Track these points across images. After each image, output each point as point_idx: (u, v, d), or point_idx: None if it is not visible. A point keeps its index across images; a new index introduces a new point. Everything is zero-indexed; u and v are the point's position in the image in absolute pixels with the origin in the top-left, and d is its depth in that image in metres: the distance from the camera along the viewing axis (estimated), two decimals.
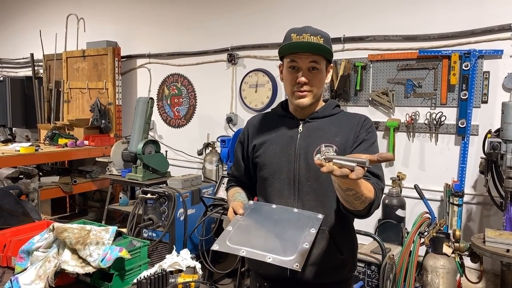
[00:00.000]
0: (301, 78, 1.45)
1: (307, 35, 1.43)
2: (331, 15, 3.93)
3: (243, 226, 1.38)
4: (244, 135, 1.68)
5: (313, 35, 1.43)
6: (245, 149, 1.67)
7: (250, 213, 1.45)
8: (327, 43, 1.46)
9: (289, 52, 1.47)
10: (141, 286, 1.56)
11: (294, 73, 1.47)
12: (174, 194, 3.49)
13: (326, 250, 1.47)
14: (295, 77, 1.47)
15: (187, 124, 5.00)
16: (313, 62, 1.45)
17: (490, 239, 2.62)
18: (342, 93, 3.81)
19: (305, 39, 1.43)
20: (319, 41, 1.43)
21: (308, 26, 1.48)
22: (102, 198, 5.40)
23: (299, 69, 1.46)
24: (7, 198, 2.29)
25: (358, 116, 1.57)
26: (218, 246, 1.32)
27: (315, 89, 1.49)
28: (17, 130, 6.21)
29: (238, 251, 1.30)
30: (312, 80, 1.47)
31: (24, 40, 6.62)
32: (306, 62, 1.45)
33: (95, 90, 5.30)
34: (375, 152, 1.19)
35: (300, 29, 1.46)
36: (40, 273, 1.64)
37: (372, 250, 2.94)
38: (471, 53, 3.26)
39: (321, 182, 1.47)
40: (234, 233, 1.35)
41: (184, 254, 1.79)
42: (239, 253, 1.30)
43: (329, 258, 1.48)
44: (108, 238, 1.72)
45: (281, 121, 1.59)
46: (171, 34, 5.04)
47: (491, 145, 2.89)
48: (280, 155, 1.52)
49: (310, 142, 1.50)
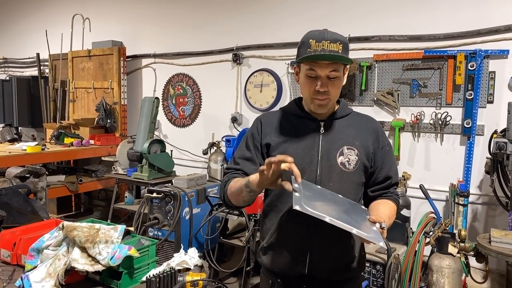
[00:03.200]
0: (320, 88, 1.44)
1: (327, 43, 1.40)
2: (336, 15, 3.93)
3: (308, 196, 1.26)
4: (258, 129, 1.60)
5: (332, 42, 1.40)
6: (258, 143, 1.59)
7: (305, 187, 1.29)
8: (346, 49, 1.44)
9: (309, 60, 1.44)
10: (151, 284, 1.57)
11: (313, 80, 1.46)
12: (179, 193, 3.51)
13: (344, 250, 1.53)
14: (313, 85, 1.45)
15: (192, 123, 5.02)
16: (333, 71, 1.43)
17: (495, 239, 2.62)
18: (348, 93, 3.82)
19: (325, 46, 1.40)
20: (338, 48, 1.41)
21: (327, 31, 1.45)
22: (107, 197, 5.42)
23: (317, 77, 1.45)
24: (16, 197, 2.32)
25: (371, 121, 1.64)
26: (299, 207, 1.19)
27: (333, 96, 1.50)
28: (23, 130, 6.24)
29: (323, 217, 1.21)
30: (331, 88, 1.46)
31: (30, 40, 6.66)
32: (325, 71, 1.43)
33: (100, 89, 5.33)
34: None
35: (319, 35, 1.43)
36: (50, 271, 1.66)
37: (378, 250, 2.95)
38: (477, 53, 3.25)
39: (343, 183, 1.50)
40: (305, 200, 1.23)
41: (191, 253, 1.81)
42: (324, 218, 1.21)
43: (343, 257, 1.53)
44: (117, 236, 1.74)
45: (300, 121, 1.57)
46: (176, 34, 5.06)
47: (497, 145, 2.89)
48: (302, 156, 1.50)
49: (332, 144, 1.52)
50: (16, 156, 4.14)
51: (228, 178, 1.55)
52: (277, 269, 1.56)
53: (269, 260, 1.57)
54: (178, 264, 1.76)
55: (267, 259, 1.58)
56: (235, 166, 1.58)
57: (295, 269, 1.50)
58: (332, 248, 1.50)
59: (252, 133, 1.61)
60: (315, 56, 1.41)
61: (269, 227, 1.57)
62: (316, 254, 1.49)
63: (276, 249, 1.55)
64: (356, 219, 1.29)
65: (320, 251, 1.49)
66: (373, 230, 1.27)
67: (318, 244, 1.49)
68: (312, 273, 1.50)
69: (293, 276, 1.52)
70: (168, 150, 4.46)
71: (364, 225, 1.28)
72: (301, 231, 1.49)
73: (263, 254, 1.60)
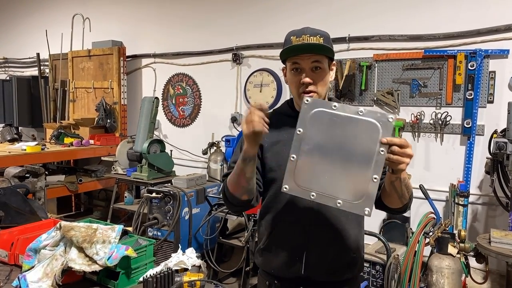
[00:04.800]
0: (305, 79, 1.45)
1: (307, 36, 1.44)
2: (336, 14, 3.92)
3: (307, 151, 1.28)
4: None
5: (312, 36, 1.44)
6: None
7: (310, 126, 1.29)
8: (327, 42, 1.47)
9: (290, 55, 1.47)
10: (147, 284, 1.57)
11: (297, 74, 1.47)
12: (179, 193, 3.51)
13: (340, 249, 1.51)
14: (299, 79, 1.46)
15: (192, 123, 5.02)
16: (315, 62, 1.45)
17: (495, 240, 2.61)
18: (347, 92, 3.81)
19: (305, 40, 1.43)
20: (319, 41, 1.44)
21: (307, 27, 1.48)
22: (107, 197, 5.42)
23: (302, 70, 1.46)
24: (15, 196, 2.32)
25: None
26: (288, 187, 1.28)
27: (320, 89, 1.49)
28: (23, 129, 6.25)
29: (308, 195, 1.26)
30: (316, 79, 1.46)
31: (30, 40, 6.66)
32: (308, 62, 1.45)
33: (100, 89, 5.33)
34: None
35: (299, 31, 1.46)
36: (47, 271, 1.65)
37: (377, 250, 2.94)
38: (477, 53, 3.24)
39: None
40: (299, 165, 1.27)
41: (189, 253, 1.81)
42: (309, 197, 1.26)
43: (342, 257, 1.52)
44: (115, 236, 1.74)
45: (292, 121, 1.52)
46: (176, 34, 5.05)
47: (497, 145, 2.88)
48: None
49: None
50: (16, 156, 4.14)
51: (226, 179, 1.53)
52: (274, 270, 1.56)
53: (266, 261, 1.57)
54: (176, 264, 1.75)
55: (264, 261, 1.58)
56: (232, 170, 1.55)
57: (292, 270, 1.50)
58: (328, 247, 1.49)
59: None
60: (296, 46, 1.43)
61: (265, 228, 1.56)
62: (312, 254, 1.48)
63: (272, 250, 1.54)
64: (360, 166, 1.22)
65: (316, 251, 1.48)
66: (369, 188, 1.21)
67: (314, 244, 1.48)
68: (308, 274, 1.49)
69: (290, 277, 1.52)
70: (168, 150, 4.46)
71: (362, 176, 1.22)
72: (297, 232, 1.49)
73: (260, 256, 1.60)
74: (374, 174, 1.21)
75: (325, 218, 1.48)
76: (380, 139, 1.23)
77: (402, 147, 1.23)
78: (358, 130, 1.25)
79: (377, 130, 1.24)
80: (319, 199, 1.25)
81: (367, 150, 1.23)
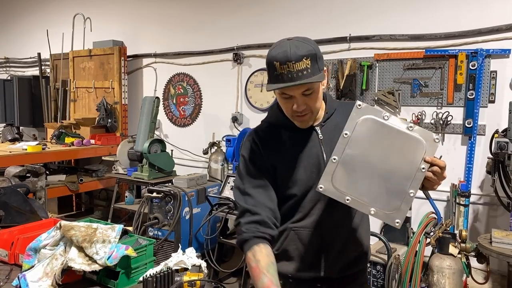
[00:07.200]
0: (297, 108, 1.36)
1: (291, 64, 1.28)
2: (337, 14, 3.92)
3: (350, 156, 1.28)
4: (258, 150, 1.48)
5: (297, 62, 1.28)
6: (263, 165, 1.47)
7: (357, 131, 1.29)
8: (314, 60, 1.31)
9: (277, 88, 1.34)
10: (147, 284, 1.57)
11: (288, 101, 1.37)
12: (179, 193, 3.50)
13: (352, 244, 1.53)
14: (290, 105, 1.38)
15: (193, 123, 5.01)
16: (306, 91, 1.34)
17: (496, 240, 2.60)
18: (348, 92, 3.80)
19: (290, 68, 1.28)
20: (306, 65, 1.29)
21: (290, 47, 1.30)
22: (108, 196, 5.42)
23: (292, 97, 1.36)
24: (15, 196, 2.32)
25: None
26: (323, 187, 1.28)
27: (314, 107, 1.41)
28: (24, 129, 6.25)
29: (343, 198, 1.27)
30: (309, 102, 1.37)
31: (31, 40, 6.67)
32: (299, 91, 1.34)
33: (101, 89, 5.33)
34: None
35: (282, 55, 1.29)
36: (47, 271, 1.65)
37: (378, 250, 2.94)
38: (478, 52, 3.23)
39: None
40: (339, 168, 1.28)
41: (189, 253, 1.80)
42: (344, 200, 1.27)
43: (353, 251, 1.54)
44: (115, 236, 1.74)
45: (296, 134, 1.47)
46: (177, 34, 5.05)
47: (498, 145, 2.88)
48: (311, 169, 1.44)
49: (332, 146, 1.42)
50: (17, 156, 4.14)
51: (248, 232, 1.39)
52: (291, 274, 1.53)
53: (282, 266, 1.51)
54: (176, 264, 1.75)
55: (280, 266, 1.49)
56: (250, 201, 1.42)
57: (310, 272, 1.49)
58: (345, 246, 1.50)
59: (251, 157, 1.48)
60: (282, 83, 1.31)
61: (278, 234, 1.49)
62: (330, 255, 1.48)
63: (287, 255, 1.51)
64: (399, 179, 1.26)
65: (334, 252, 1.48)
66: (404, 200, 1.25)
67: (332, 245, 1.48)
68: (327, 274, 1.49)
69: (308, 278, 1.52)
70: (169, 150, 4.45)
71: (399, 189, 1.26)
72: (313, 235, 1.47)
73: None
74: (411, 189, 1.26)
75: (340, 220, 1.48)
76: (424, 157, 1.27)
77: (442, 169, 1.28)
78: (405, 145, 1.29)
79: (422, 147, 1.28)
80: (353, 203, 1.27)
81: (409, 165, 1.28)
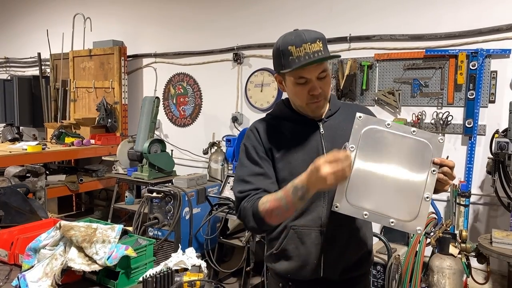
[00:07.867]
0: (316, 92, 1.40)
1: (308, 45, 1.35)
2: (337, 14, 3.91)
3: (359, 170, 1.26)
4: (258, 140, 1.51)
5: (312, 43, 1.35)
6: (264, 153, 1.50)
7: (362, 143, 1.28)
8: (325, 44, 1.40)
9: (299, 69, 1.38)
10: (147, 284, 1.56)
11: (304, 86, 1.41)
12: (179, 193, 3.50)
13: (356, 247, 1.51)
14: (306, 90, 1.41)
15: (193, 123, 5.01)
16: (322, 72, 1.40)
17: (497, 240, 2.60)
18: (348, 92, 3.80)
19: (307, 49, 1.34)
20: (320, 47, 1.36)
21: (302, 32, 1.38)
22: (108, 196, 5.42)
23: (309, 81, 1.40)
24: (15, 196, 2.32)
25: (360, 108, 1.60)
26: (338, 206, 1.25)
27: (327, 93, 1.47)
28: (24, 129, 6.25)
29: (361, 214, 1.24)
30: (324, 87, 1.43)
31: (31, 40, 6.67)
32: (315, 73, 1.39)
33: (101, 89, 5.33)
34: None
35: (297, 39, 1.36)
36: (47, 271, 1.65)
37: (378, 250, 2.93)
38: (479, 52, 3.23)
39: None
40: (351, 184, 1.25)
41: (189, 253, 1.80)
42: (362, 216, 1.24)
43: (357, 252, 1.52)
44: (114, 236, 1.73)
45: (298, 126, 1.51)
46: (177, 34, 5.05)
47: (499, 145, 2.87)
48: (309, 162, 1.41)
49: (334, 143, 1.46)
50: (17, 156, 4.14)
51: (249, 202, 1.39)
52: (290, 275, 1.52)
53: (282, 266, 1.51)
54: (176, 264, 1.74)
55: (279, 266, 1.52)
56: (249, 187, 1.44)
57: (310, 273, 1.48)
58: (345, 247, 1.48)
59: (252, 145, 1.50)
60: (306, 65, 1.35)
61: (278, 232, 1.51)
62: (330, 256, 1.47)
63: (287, 254, 1.50)
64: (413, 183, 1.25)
65: (334, 252, 1.47)
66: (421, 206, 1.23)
67: (332, 245, 1.47)
68: (327, 275, 1.48)
69: (307, 279, 1.50)
70: (169, 150, 4.45)
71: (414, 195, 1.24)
72: (313, 235, 1.46)
73: (273, 261, 1.55)
74: (426, 193, 1.25)
75: (341, 219, 1.45)
76: (433, 159, 1.27)
77: (452, 169, 1.28)
78: (412, 150, 1.28)
79: (429, 150, 1.28)
80: (372, 218, 1.25)
81: (420, 170, 1.27)
